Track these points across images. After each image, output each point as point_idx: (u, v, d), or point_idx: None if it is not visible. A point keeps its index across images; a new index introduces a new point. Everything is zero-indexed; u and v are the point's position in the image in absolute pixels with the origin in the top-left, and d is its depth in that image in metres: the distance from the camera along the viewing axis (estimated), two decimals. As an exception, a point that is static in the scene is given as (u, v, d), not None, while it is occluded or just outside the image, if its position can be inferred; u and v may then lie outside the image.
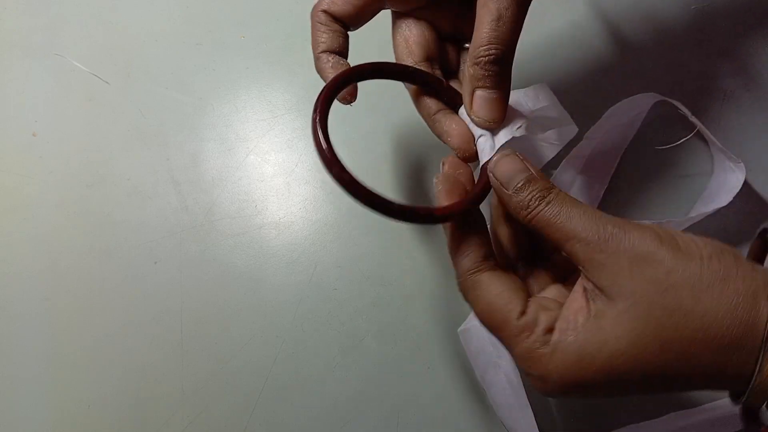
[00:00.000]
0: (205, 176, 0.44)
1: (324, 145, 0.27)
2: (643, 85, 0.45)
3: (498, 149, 0.29)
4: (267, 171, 0.44)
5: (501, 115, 0.29)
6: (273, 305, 0.41)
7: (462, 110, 0.31)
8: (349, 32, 0.32)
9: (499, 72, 0.28)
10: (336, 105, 0.30)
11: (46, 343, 0.40)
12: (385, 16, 0.34)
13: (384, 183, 0.44)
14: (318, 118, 0.27)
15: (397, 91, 0.46)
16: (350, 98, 0.31)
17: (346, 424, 0.40)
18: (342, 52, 0.32)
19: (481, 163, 0.29)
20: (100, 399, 0.39)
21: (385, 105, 0.45)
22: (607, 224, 0.23)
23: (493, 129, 0.29)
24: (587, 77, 0.46)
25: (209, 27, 0.47)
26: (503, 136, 0.29)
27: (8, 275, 0.41)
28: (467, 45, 0.34)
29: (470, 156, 0.30)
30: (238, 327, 0.41)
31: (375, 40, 0.36)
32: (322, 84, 0.48)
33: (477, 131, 0.30)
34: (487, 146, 0.29)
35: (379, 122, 0.45)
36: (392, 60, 0.33)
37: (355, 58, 0.32)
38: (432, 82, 0.32)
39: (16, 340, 0.40)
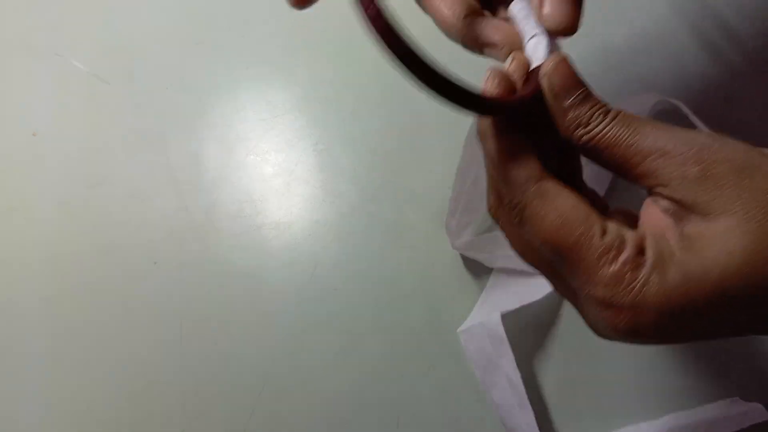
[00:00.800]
0: (205, 176, 0.44)
1: None
2: (643, 85, 0.45)
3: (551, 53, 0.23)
4: (267, 171, 0.44)
5: (577, 23, 0.24)
6: (273, 305, 0.41)
7: (512, 9, 0.25)
8: None
9: None
10: (339, 104, 0.29)
11: (46, 342, 0.40)
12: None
13: (384, 181, 0.44)
14: None
15: (397, 93, 0.46)
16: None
17: (346, 424, 0.40)
18: None
19: (532, 66, 0.24)
20: (100, 399, 0.39)
21: (386, 105, 0.45)
22: (695, 135, 0.20)
23: (566, 37, 0.24)
24: (587, 77, 0.46)
25: (209, 27, 0.47)
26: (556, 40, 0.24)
27: (8, 275, 0.41)
28: None
29: (520, 55, 0.25)
30: (238, 327, 0.41)
31: None
32: (320, 84, 0.48)
33: (527, 32, 0.25)
34: (540, 48, 0.24)
35: (380, 123, 0.45)
36: None
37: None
38: None
39: (16, 340, 0.40)
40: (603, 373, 0.41)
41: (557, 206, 0.21)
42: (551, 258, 0.22)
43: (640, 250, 0.20)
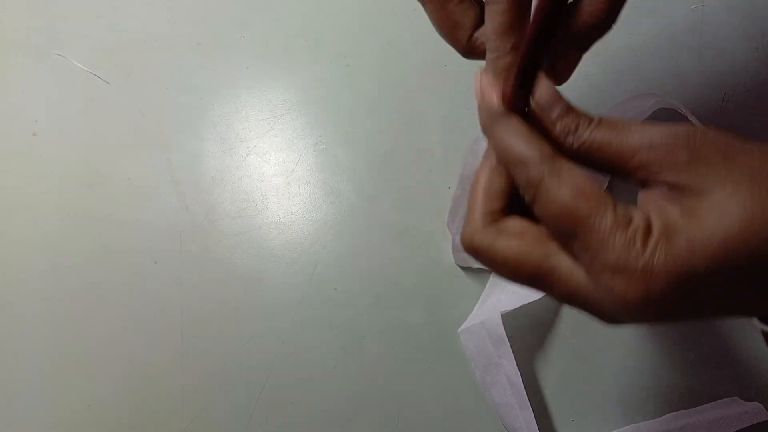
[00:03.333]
0: (205, 176, 0.44)
1: None
2: (642, 85, 0.45)
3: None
4: (267, 171, 0.44)
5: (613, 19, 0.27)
6: (273, 305, 0.41)
7: None
8: None
9: None
10: (339, 104, 0.29)
11: (46, 343, 0.40)
12: None
13: (384, 181, 0.44)
14: None
15: (397, 93, 0.46)
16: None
17: (346, 424, 0.40)
18: None
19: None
20: (100, 399, 0.39)
21: (386, 105, 0.45)
22: (678, 126, 0.22)
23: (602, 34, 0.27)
24: (587, 77, 0.46)
25: (209, 27, 0.47)
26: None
27: (9, 275, 0.41)
28: None
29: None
30: (238, 327, 0.41)
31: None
32: (320, 84, 0.49)
33: None
34: None
35: (380, 123, 0.45)
36: None
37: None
38: None
39: (16, 340, 0.40)
40: (603, 373, 0.41)
41: (572, 179, 0.22)
42: (563, 231, 0.23)
43: (648, 223, 0.21)
